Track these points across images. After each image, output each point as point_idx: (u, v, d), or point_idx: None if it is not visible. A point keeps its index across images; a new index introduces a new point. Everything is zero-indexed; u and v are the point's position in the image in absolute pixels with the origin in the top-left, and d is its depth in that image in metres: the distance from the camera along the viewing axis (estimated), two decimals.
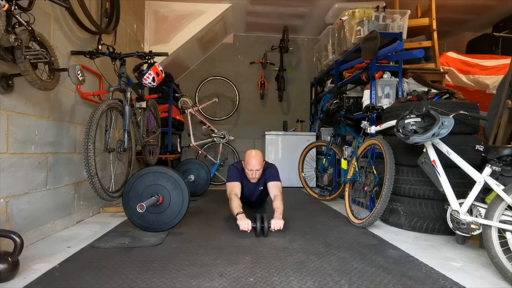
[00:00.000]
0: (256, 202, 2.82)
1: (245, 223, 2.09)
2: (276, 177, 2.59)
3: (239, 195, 2.45)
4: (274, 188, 2.51)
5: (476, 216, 1.76)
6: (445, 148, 1.96)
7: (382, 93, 3.00)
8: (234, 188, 2.47)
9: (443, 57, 3.92)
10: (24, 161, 1.84)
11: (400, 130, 2.03)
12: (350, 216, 2.50)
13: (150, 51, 2.39)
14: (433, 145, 2.03)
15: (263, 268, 1.55)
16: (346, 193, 2.69)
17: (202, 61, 5.27)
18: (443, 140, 1.97)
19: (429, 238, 2.13)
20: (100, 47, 2.65)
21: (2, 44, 1.45)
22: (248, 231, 2.10)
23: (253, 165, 2.49)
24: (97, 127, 1.92)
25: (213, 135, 4.56)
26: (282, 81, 5.16)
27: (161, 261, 1.63)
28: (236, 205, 2.28)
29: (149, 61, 2.40)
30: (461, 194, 1.88)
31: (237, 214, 2.18)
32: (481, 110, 2.54)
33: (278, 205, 2.32)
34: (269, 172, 2.62)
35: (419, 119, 2.00)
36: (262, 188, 2.68)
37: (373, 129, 2.66)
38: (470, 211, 1.82)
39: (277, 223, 2.12)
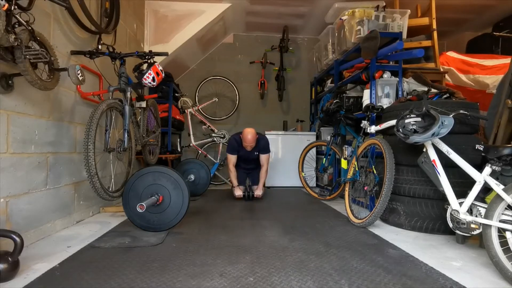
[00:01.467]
0: (252, 161, 3.60)
1: (239, 193, 3.42)
2: (266, 150, 3.52)
3: (235, 163, 3.52)
4: (263, 159, 3.52)
5: (476, 216, 1.76)
6: (445, 148, 1.96)
7: (382, 92, 3.00)
8: (232, 160, 3.51)
9: (443, 56, 3.92)
10: (24, 161, 1.84)
11: (400, 130, 2.03)
12: (350, 216, 2.50)
13: (150, 51, 2.39)
14: (433, 144, 2.03)
15: (263, 268, 1.55)
16: (346, 193, 2.69)
17: (202, 61, 5.27)
18: (443, 139, 1.97)
19: (429, 238, 2.13)
20: (100, 46, 2.64)
21: (2, 43, 1.45)
22: (241, 196, 3.39)
23: (248, 142, 3.35)
24: (97, 127, 1.92)
25: (213, 134, 4.56)
26: (282, 81, 5.16)
27: (161, 261, 1.63)
28: (234, 177, 3.50)
29: (149, 61, 2.40)
30: (461, 193, 1.88)
31: (233, 186, 3.50)
32: (481, 110, 2.54)
33: (262, 174, 3.51)
34: (262, 144, 3.49)
35: (419, 119, 2.00)
36: (256, 153, 3.53)
37: (373, 128, 2.66)
38: (470, 211, 1.82)
39: (258, 192, 3.44)
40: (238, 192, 3.42)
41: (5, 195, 1.69)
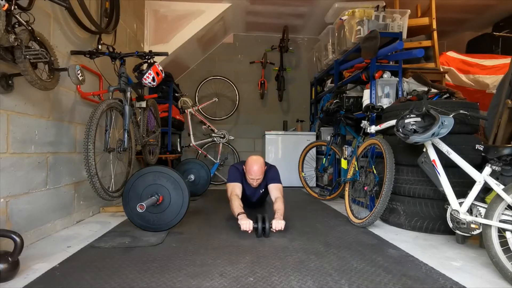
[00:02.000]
0: (256, 202, 2.84)
1: (246, 224, 2.08)
2: (277, 179, 2.57)
3: (240, 195, 2.45)
4: (275, 191, 2.49)
5: (476, 216, 1.76)
6: (445, 148, 1.96)
7: (382, 92, 3.00)
8: (235, 189, 2.47)
9: (443, 56, 3.92)
10: (24, 161, 1.84)
11: (400, 130, 2.03)
12: (350, 216, 2.50)
13: (150, 51, 2.39)
14: (433, 144, 2.03)
15: (263, 268, 1.55)
16: (346, 193, 2.69)
17: (202, 61, 5.27)
18: (443, 139, 1.97)
19: (429, 238, 2.13)
20: (100, 46, 2.64)
21: (2, 43, 1.45)
22: (250, 232, 2.09)
23: (254, 175, 2.48)
24: (97, 127, 1.92)
25: (213, 134, 4.56)
26: (282, 81, 5.16)
27: (161, 261, 1.63)
28: (237, 205, 2.29)
29: (149, 61, 2.40)
30: (461, 193, 1.88)
31: (238, 214, 2.19)
32: (481, 110, 2.54)
33: (279, 206, 2.32)
34: (270, 174, 2.59)
35: (419, 119, 2.00)
36: (263, 190, 2.68)
37: (373, 128, 2.66)
38: (470, 211, 1.82)
39: (278, 224, 2.12)
40: (245, 220, 2.10)
41: (5, 195, 1.69)
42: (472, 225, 1.76)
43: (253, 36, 5.35)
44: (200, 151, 4.68)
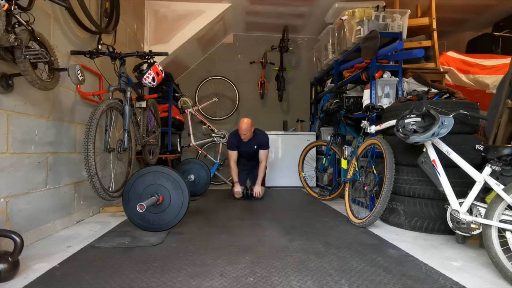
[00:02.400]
0: (252, 156, 3.65)
1: (238, 191, 3.47)
2: (265, 146, 3.61)
3: (236, 160, 3.58)
4: (261, 155, 3.61)
5: (476, 216, 1.76)
6: (445, 148, 1.96)
7: (382, 92, 2.99)
8: (232, 156, 3.59)
9: (443, 56, 3.92)
10: (24, 161, 1.84)
11: (400, 130, 2.03)
12: (350, 216, 2.50)
13: (150, 51, 2.39)
14: (433, 144, 2.03)
15: (263, 268, 1.56)
16: (346, 193, 2.69)
17: (202, 61, 5.27)
18: (443, 139, 1.97)
19: (429, 238, 2.13)
20: (100, 46, 2.64)
21: (2, 43, 1.45)
22: (240, 194, 3.45)
23: (243, 130, 3.43)
24: (97, 127, 1.92)
25: (213, 134, 4.56)
26: (282, 81, 5.16)
27: (161, 261, 1.63)
28: (234, 173, 3.55)
29: (149, 61, 2.40)
30: (461, 193, 1.88)
31: (234, 183, 3.53)
32: (481, 110, 2.54)
33: (260, 170, 3.56)
34: (261, 140, 3.60)
35: (419, 119, 2.00)
36: (256, 147, 3.60)
37: (373, 128, 2.66)
38: (470, 211, 1.82)
39: (257, 192, 3.47)
40: (238, 188, 3.46)
41: (5, 195, 1.69)
42: (472, 225, 1.76)
43: (253, 36, 5.35)
44: (200, 151, 4.68)
